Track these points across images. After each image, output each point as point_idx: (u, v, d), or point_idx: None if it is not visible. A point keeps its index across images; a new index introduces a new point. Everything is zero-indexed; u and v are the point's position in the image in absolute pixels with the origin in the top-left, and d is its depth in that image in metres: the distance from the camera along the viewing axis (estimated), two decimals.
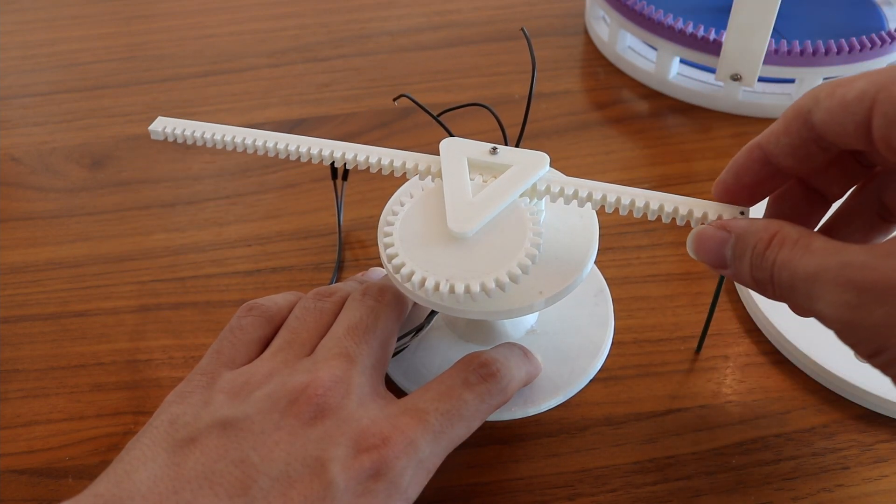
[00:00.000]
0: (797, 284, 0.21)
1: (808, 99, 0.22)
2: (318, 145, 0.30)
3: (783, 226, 0.22)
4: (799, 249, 0.21)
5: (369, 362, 0.27)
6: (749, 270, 0.23)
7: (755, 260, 0.22)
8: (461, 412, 0.25)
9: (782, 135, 0.23)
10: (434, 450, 0.25)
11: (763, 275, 0.22)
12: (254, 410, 0.24)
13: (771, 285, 0.22)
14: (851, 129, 0.21)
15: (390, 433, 0.24)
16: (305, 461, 0.23)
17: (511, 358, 0.28)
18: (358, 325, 0.27)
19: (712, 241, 0.24)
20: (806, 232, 0.22)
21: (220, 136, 0.31)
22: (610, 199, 0.26)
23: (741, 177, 0.25)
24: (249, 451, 0.23)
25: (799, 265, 0.21)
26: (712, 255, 0.24)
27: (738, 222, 0.24)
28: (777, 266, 0.22)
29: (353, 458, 0.23)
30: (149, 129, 0.32)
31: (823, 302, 0.20)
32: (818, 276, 0.20)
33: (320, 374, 0.25)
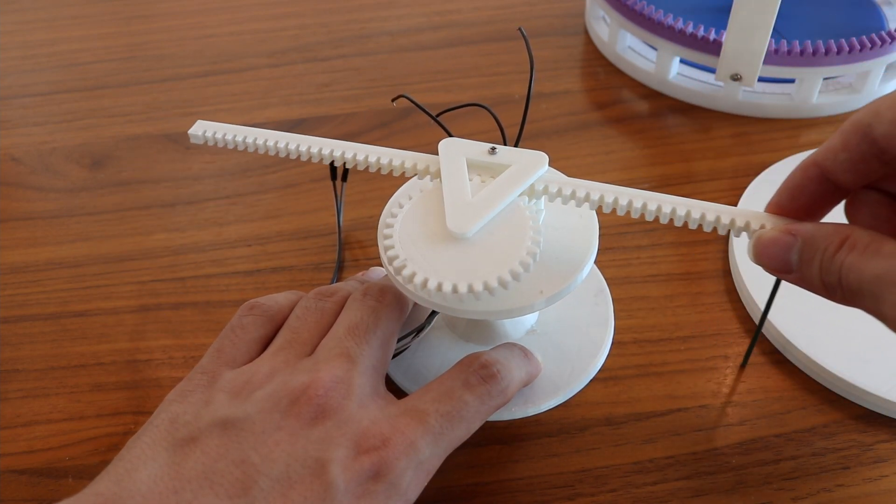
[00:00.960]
0: (864, 287, 0.21)
1: (867, 112, 0.22)
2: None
3: (854, 229, 0.22)
4: (869, 253, 0.21)
5: (370, 363, 0.27)
6: (818, 274, 0.22)
7: (825, 264, 0.22)
8: (461, 413, 0.25)
9: (840, 150, 0.23)
10: (434, 451, 0.25)
11: (832, 279, 0.22)
12: (255, 410, 0.24)
13: (840, 289, 0.22)
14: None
15: (390, 434, 0.24)
16: (306, 462, 0.23)
17: (511, 359, 0.28)
18: (359, 326, 0.27)
19: (777, 246, 0.23)
20: (878, 236, 0.21)
21: (261, 141, 0.31)
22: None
23: (797, 196, 0.24)
24: (250, 451, 0.23)
25: (866, 268, 0.21)
26: (777, 259, 0.23)
27: (804, 226, 0.23)
28: (845, 269, 0.21)
29: (353, 459, 0.23)
30: (188, 132, 0.32)
31: (887, 304, 0.20)
32: (883, 278, 0.20)
33: (321, 374, 0.25)
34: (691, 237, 0.38)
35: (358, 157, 0.29)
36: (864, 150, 0.22)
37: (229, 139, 0.32)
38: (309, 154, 0.30)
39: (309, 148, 0.30)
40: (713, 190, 0.41)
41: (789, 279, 0.24)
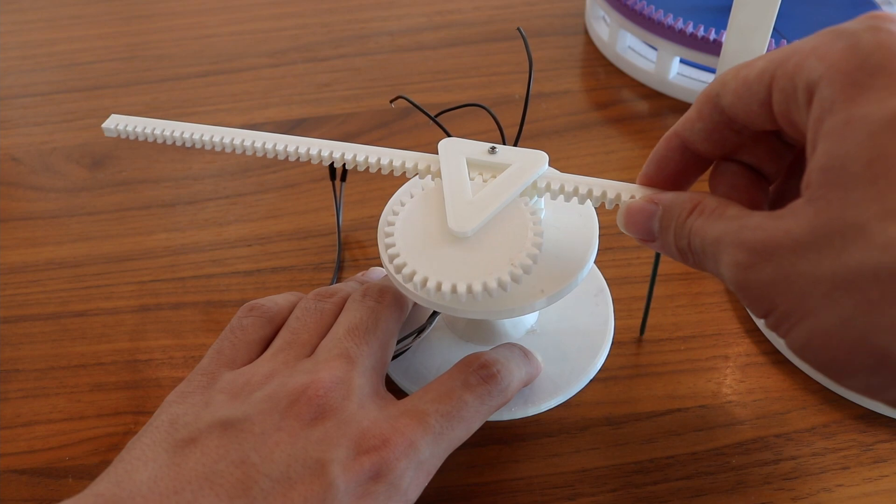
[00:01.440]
0: (707, 249, 0.21)
1: (716, 83, 0.23)
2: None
3: (705, 196, 0.23)
4: (714, 216, 0.22)
5: (370, 363, 0.27)
6: (673, 240, 0.23)
7: (678, 229, 0.23)
8: (461, 414, 0.25)
9: (696, 120, 0.24)
10: (434, 451, 0.25)
11: (683, 243, 0.23)
12: (254, 411, 0.24)
13: (689, 252, 0.23)
14: (756, 109, 0.21)
15: (390, 435, 0.24)
16: (306, 462, 0.23)
17: (511, 359, 0.28)
18: (358, 326, 0.27)
19: (641, 214, 0.24)
20: (724, 202, 0.22)
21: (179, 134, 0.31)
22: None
23: (663, 167, 0.25)
24: (250, 452, 0.23)
25: (709, 230, 0.21)
26: (641, 227, 0.24)
27: (665, 195, 0.24)
28: (693, 232, 0.22)
29: (353, 459, 0.23)
30: (102, 126, 0.32)
31: (723, 264, 0.21)
32: (720, 239, 0.21)
33: (321, 375, 0.25)
34: None
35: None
36: (716, 120, 0.23)
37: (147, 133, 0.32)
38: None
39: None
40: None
41: (654, 247, 0.25)
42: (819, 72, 0.19)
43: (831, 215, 0.18)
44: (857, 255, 0.17)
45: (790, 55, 0.20)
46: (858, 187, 0.18)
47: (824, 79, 0.19)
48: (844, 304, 0.18)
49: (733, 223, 0.21)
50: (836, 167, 0.18)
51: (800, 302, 0.19)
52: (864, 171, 0.17)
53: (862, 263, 0.17)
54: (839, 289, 0.18)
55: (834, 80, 0.19)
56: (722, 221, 0.21)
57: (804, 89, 0.19)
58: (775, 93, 0.20)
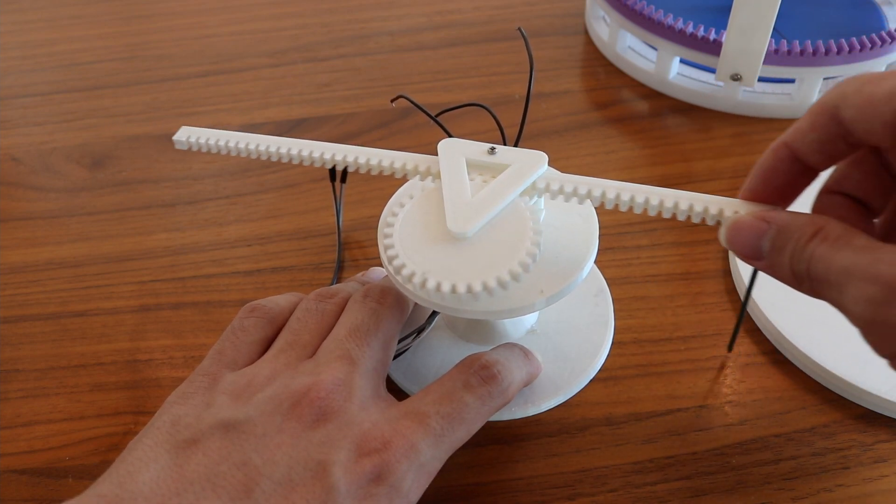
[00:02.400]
0: (831, 278, 0.21)
1: (835, 95, 0.22)
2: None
3: (829, 221, 0.22)
4: (839, 244, 0.21)
5: (371, 365, 0.27)
6: (789, 262, 0.22)
7: (797, 252, 0.22)
8: (462, 415, 0.25)
9: (809, 131, 0.23)
10: (435, 453, 0.25)
11: (801, 268, 0.22)
12: (256, 413, 0.24)
13: (808, 279, 0.22)
14: (879, 129, 0.21)
15: (391, 437, 0.24)
16: (308, 464, 0.23)
17: (512, 359, 0.28)
18: (359, 328, 0.27)
19: (750, 231, 0.23)
20: (850, 229, 0.21)
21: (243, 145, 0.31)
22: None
23: (770, 179, 0.25)
24: (252, 454, 0.23)
25: (835, 259, 0.21)
26: (748, 245, 0.23)
27: (779, 214, 0.23)
28: (815, 259, 0.21)
29: (354, 461, 0.23)
30: (173, 138, 0.32)
31: (850, 297, 0.20)
32: (849, 271, 0.20)
33: (322, 376, 0.25)
34: (691, 237, 0.38)
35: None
36: (831, 131, 0.22)
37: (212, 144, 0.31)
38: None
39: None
40: (713, 190, 0.40)
41: (758, 265, 0.24)
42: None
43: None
44: None
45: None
46: None
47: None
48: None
49: (864, 255, 0.20)
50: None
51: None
52: None
53: None
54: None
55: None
56: (850, 251, 0.20)
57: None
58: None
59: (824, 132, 0.23)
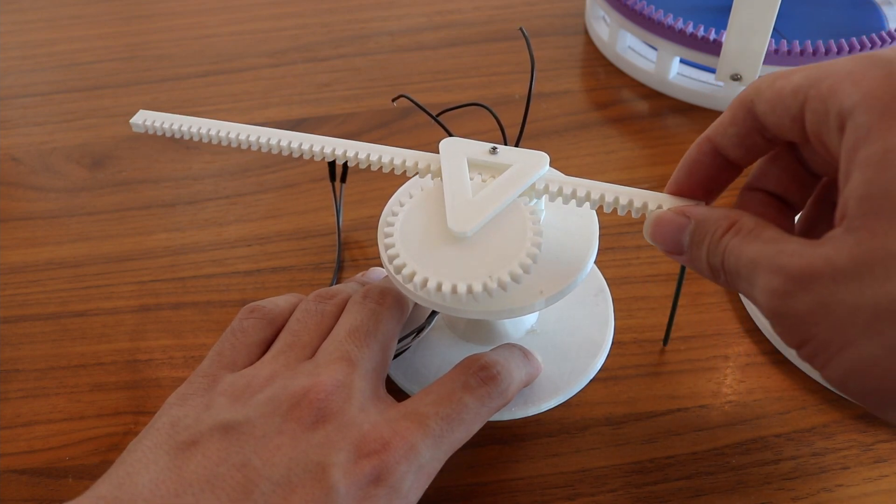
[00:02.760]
0: (741, 270, 0.21)
1: (751, 89, 0.22)
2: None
3: (742, 214, 0.22)
4: (750, 237, 0.21)
5: (370, 366, 0.27)
6: (705, 256, 0.23)
7: (712, 246, 0.22)
8: (461, 416, 0.25)
9: (729, 125, 0.23)
10: (435, 454, 0.25)
11: (716, 261, 0.22)
12: (255, 414, 0.24)
13: (722, 271, 0.22)
14: (788, 123, 0.21)
15: (391, 438, 0.24)
16: (307, 466, 0.23)
17: (511, 360, 0.28)
18: (359, 329, 0.27)
19: (671, 226, 0.24)
20: (762, 222, 0.22)
21: (206, 130, 0.31)
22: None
23: (694, 172, 0.25)
24: (251, 456, 0.23)
25: (745, 251, 0.21)
26: (669, 240, 0.24)
27: (698, 209, 0.24)
28: (728, 252, 0.22)
29: (354, 463, 0.23)
30: (130, 121, 0.32)
31: (757, 288, 0.20)
32: (756, 262, 0.20)
33: (322, 378, 0.25)
34: None
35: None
36: (749, 126, 0.23)
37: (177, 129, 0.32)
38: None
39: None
40: None
41: (681, 260, 0.24)
42: (854, 98, 0.19)
43: (874, 245, 0.18)
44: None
45: (824, 76, 0.20)
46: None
47: (859, 106, 0.19)
48: (889, 334, 0.17)
49: (770, 246, 0.20)
50: (877, 197, 0.18)
51: (839, 332, 0.18)
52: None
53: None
54: (882, 318, 0.17)
55: (871, 108, 0.18)
56: (759, 243, 0.21)
57: (836, 115, 0.19)
58: (808, 112, 0.20)
59: (742, 127, 0.23)
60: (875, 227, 0.18)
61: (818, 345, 0.19)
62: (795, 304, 0.19)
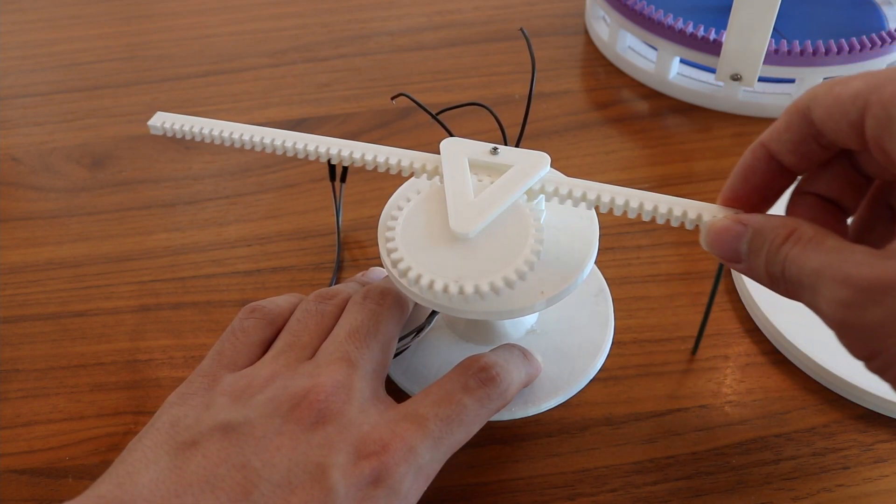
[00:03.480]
0: (804, 280, 0.21)
1: (807, 96, 0.22)
2: (319, 142, 0.30)
3: (800, 223, 0.22)
4: (811, 246, 0.21)
5: (370, 367, 0.27)
6: (764, 264, 0.22)
7: (771, 255, 0.22)
8: (461, 417, 0.25)
9: (784, 131, 0.23)
10: (434, 455, 0.25)
11: (776, 269, 0.22)
12: (255, 415, 0.24)
13: (783, 280, 0.22)
14: (846, 129, 0.21)
15: (390, 439, 0.24)
16: (307, 467, 0.23)
17: (511, 360, 0.28)
18: (359, 329, 0.27)
19: (728, 234, 0.24)
20: (822, 231, 0.21)
21: (218, 132, 0.31)
22: (605, 199, 0.26)
23: (749, 178, 0.25)
24: (251, 456, 0.23)
25: (807, 261, 0.21)
26: (727, 248, 0.24)
27: (754, 217, 0.23)
28: (789, 261, 0.21)
29: (353, 464, 0.23)
30: (147, 123, 0.32)
31: (823, 299, 0.20)
32: (821, 272, 0.20)
33: (322, 378, 0.25)
34: (691, 237, 0.38)
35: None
36: (805, 133, 0.23)
37: (187, 130, 0.31)
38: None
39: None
40: (713, 190, 0.41)
41: (738, 268, 0.24)
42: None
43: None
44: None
45: (887, 82, 0.20)
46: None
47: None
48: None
49: (835, 256, 0.20)
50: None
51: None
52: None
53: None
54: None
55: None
56: (821, 253, 0.21)
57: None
58: (868, 118, 0.20)
59: (798, 133, 0.23)
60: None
61: (890, 358, 0.19)
62: (866, 316, 0.19)
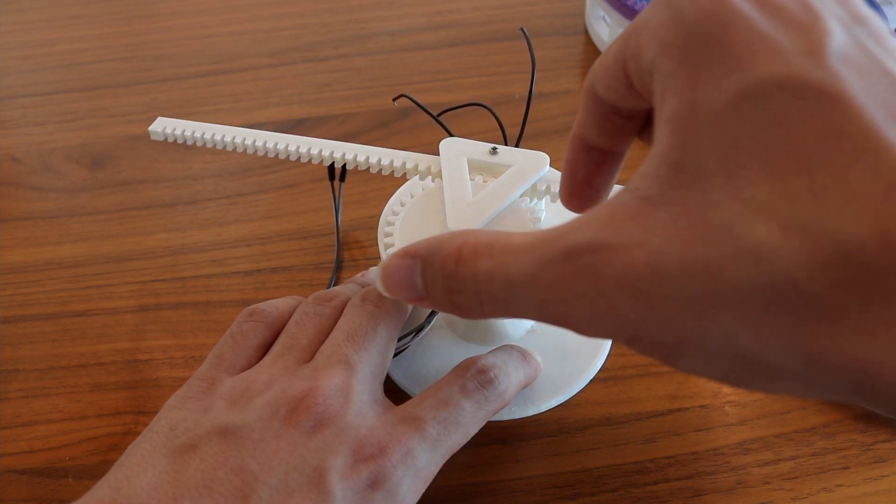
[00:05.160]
0: (516, 293, 0.18)
1: (590, 72, 0.21)
2: (318, 145, 0.30)
3: (469, 234, 0.20)
4: (501, 253, 0.18)
5: (369, 369, 0.27)
6: (445, 295, 0.20)
7: (448, 282, 0.19)
8: (458, 419, 0.25)
9: (586, 117, 0.22)
10: (431, 458, 0.25)
11: (465, 298, 0.19)
12: (254, 418, 0.24)
13: (479, 305, 0.19)
14: (625, 92, 0.20)
15: (388, 442, 0.24)
16: (304, 471, 0.23)
17: (509, 362, 0.28)
18: (357, 332, 0.27)
19: (399, 273, 0.21)
20: (499, 234, 0.19)
21: (219, 137, 0.31)
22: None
23: (575, 173, 0.24)
24: (249, 460, 0.23)
25: (511, 269, 0.18)
26: (405, 289, 0.21)
27: (422, 244, 0.21)
28: (482, 279, 0.19)
29: (351, 467, 0.23)
30: (148, 129, 0.32)
31: (552, 303, 0.17)
32: (539, 276, 0.17)
33: (320, 381, 0.25)
34: None
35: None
36: (602, 111, 0.21)
37: (188, 135, 0.32)
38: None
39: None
40: None
41: (429, 306, 0.22)
42: (653, 49, 0.18)
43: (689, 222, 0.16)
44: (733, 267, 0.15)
45: (632, 34, 0.19)
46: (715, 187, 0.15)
47: (659, 56, 0.17)
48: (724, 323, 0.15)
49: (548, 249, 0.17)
50: (689, 164, 0.16)
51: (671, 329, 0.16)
52: (719, 168, 0.15)
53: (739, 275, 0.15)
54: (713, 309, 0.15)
55: (669, 56, 0.17)
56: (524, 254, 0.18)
57: (647, 70, 0.18)
58: (632, 75, 0.19)
59: (597, 113, 0.22)
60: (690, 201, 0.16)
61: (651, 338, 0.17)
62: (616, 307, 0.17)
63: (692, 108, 0.16)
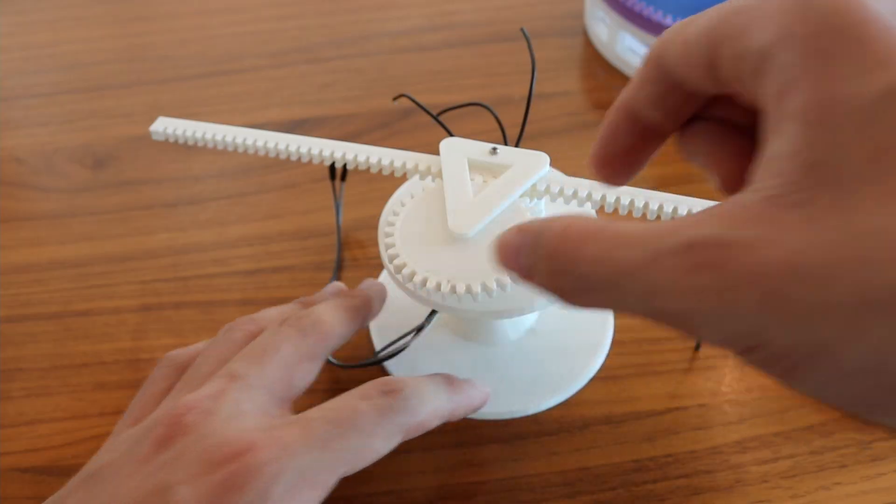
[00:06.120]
0: (623, 282, 0.16)
1: (659, 42, 0.19)
2: (319, 145, 0.30)
3: (577, 217, 0.18)
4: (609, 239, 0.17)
5: (259, 382, 0.24)
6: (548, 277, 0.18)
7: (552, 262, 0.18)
8: (353, 421, 0.23)
9: (641, 86, 0.20)
10: (320, 458, 0.22)
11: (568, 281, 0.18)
12: (118, 453, 0.23)
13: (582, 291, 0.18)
14: (702, 73, 0.18)
15: (259, 440, 0.22)
16: (153, 490, 0.21)
17: (427, 382, 0.25)
18: (255, 349, 0.25)
19: (510, 248, 0.19)
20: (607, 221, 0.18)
21: (221, 137, 0.31)
22: (610, 199, 0.26)
23: (612, 143, 0.21)
24: (101, 495, 0.22)
25: (619, 256, 0.16)
26: (513, 264, 0.19)
27: (537, 221, 0.19)
28: (586, 263, 0.17)
29: (205, 473, 0.21)
30: (150, 129, 0.32)
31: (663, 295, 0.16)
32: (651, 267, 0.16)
33: (188, 396, 0.23)
34: None
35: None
36: (664, 85, 0.20)
37: (189, 135, 0.32)
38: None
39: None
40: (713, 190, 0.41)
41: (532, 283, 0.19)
42: (768, 36, 0.16)
43: (831, 224, 0.14)
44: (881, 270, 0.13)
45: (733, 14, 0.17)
46: (863, 189, 0.14)
47: (778, 45, 0.16)
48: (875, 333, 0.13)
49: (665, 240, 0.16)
50: (828, 164, 0.15)
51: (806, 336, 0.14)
52: (867, 169, 0.14)
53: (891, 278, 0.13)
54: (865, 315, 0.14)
55: (792, 46, 0.15)
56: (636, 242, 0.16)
57: (755, 56, 0.16)
58: (724, 58, 0.17)
59: (657, 86, 0.20)
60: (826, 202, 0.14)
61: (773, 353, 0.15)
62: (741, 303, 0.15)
63: (830, 105, 0.15)
